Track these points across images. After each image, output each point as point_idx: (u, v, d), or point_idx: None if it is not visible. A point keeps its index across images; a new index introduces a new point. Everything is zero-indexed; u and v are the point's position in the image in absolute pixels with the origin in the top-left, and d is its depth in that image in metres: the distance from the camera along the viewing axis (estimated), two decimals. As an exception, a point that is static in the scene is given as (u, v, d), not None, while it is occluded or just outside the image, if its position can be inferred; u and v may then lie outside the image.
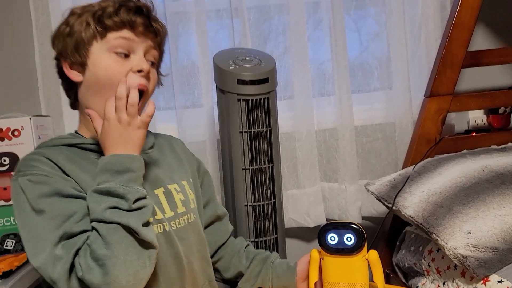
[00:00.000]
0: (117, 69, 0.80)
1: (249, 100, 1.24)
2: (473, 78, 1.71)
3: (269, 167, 1.29)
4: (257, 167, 1.27)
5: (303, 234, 1.71)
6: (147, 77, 0.83)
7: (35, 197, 0.74)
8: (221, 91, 1.28)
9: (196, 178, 0.99)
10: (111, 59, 0.80)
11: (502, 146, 1.41)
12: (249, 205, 1.28)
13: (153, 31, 0.84)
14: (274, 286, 0.97)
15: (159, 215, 0.84)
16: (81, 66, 0.82)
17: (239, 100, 1.24)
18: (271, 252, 1.02)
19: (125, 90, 0.77)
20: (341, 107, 1.62)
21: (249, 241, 1.27)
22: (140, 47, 0.83)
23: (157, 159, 0.91)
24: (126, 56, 0.82)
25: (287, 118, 1.62)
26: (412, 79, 1.64)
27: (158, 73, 0.90)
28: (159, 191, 0.86)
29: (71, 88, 0.86)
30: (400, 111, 1.64)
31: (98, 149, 0.82)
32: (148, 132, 0.91)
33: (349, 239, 0.83)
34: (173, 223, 0.86)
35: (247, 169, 1.27)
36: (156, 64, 0.88)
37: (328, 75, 1.67)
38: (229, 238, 1.04)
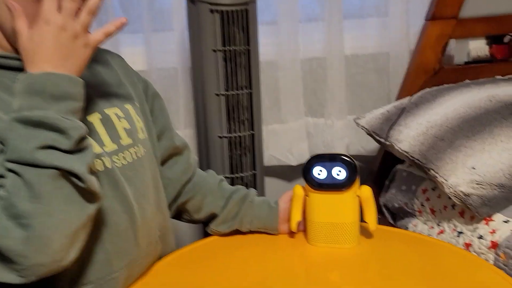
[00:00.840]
0: None
1: (224, 12, 1.05)
2: (476, 3, 1.53)
3: (247, 93, 1.12)
4: (233, 92, 1.10)
5: (284, 172, 1.59)
6: None
7: None
8: (191, 1, 1.08)
9: (143, 103, 0.80)
10: None
11: (510, 76, 1.27)
12: (224, 137, 1.12)
13: None
14: (253, 228, 0.84)
15: (97, 149, 0.65)
16: None
17: (212, 11, 1.05)
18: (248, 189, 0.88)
19: None
20: (330, 33, 1.45)
21: (223, 177, 1.13)
22: None
23: (89, 77, 0.68)
24: None
25: (269, 44, 1.44)
26: (410, 2, 1.46)
27: None
28: (94, 118, 0.67)
29: None
30: (395, 39, 1.49)
31: (14, 65, 0.61)
32: None
33: (339, 173, 0.74)
34: (116, 159, 0.68)
35: (221, 94, 1.10)
36: None
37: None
38: (194, 173, 0.88)
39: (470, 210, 0.93)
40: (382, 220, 1.35)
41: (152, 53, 1.40)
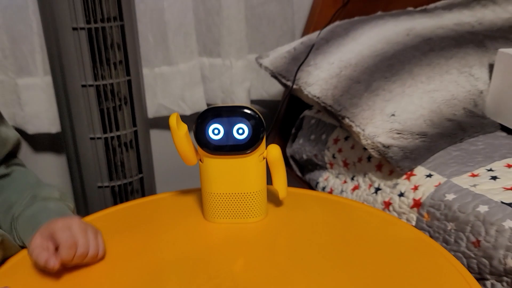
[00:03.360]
0: None
1: None
2: None
3: (117, 26, 0.85)
4: (96, 25, 0.82)
5: (177, 124, 1.36)
6: None
7: None
8: None
9: None
10: None
11: (422, 7, 1.14)
12: (89, 85, 0.85)
13: None
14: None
15: None
16: None
17: None
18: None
19: None
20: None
21: (94, 138, 0.88)
22: None
23: None
24: None
25: None
26: None
27: None
28: None
29: None
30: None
31: None
32: None
33: (240, 131, 0.61)
34: None
35: (81, 28, 0.81)
36: None
37: None
38: None
39: (390, 164, 0.81)
40: (289, 173, 1.20)
41: None
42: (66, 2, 0.79)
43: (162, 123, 1.34)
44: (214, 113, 0.60)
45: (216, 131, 0.60)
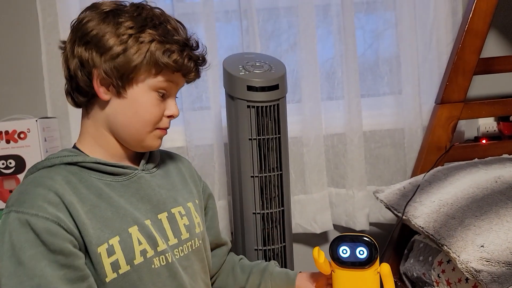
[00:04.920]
0: (154, 113, 0.78)
1: (259, 107, 1.22)
2: (484, 85, 1.68)
3: (277, 174, 1.27)
4: (265, 174, 1.25)
5: (309, 239, 1.69)
6: None
7: (22, 242, 0.66)
8: (230, 97, 1.26)
9: (201, 199, 0.95)
10: (151, 99, 0.78)
11: (515, 155, 1.39)
12: (257, 213, 1.27)
13: (197, 77, 0.82)
14: None
15: (162, 246, 0.78)
16: (115, 88, 0.76)
17: (248, 106, 1.22)
18: (269, 260, 1.01)
19: None
20: (350, 112, 1.60)
21: (257, 249, 1.26)
22: (177, 89, 0.82)
23: (161, 179, 0.85)
24: (163, 95, 0.79)
25: (294, 122, 1.59)
26: (422, 84, 1.61)
27: None
28: (163, 216, 0.81)
29: (85, 96, 0.78)
30: (409, 117, 1.61)
31: (99, 169, 0.78)
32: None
33: (361, 252, 0.83)
34: (176, 252, 0.81)
35: (255, 176, 1.25)
36: None
37: (337, 79, 1.64)
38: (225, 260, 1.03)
39: (481, 285, 1.03)
40: (402, 288, 1.43)
41: (190, 131, 1.55)
42: (248, 158, 1.24)
43: (297, 238, 1.66)
44: (343, 238, 0.86)
45: (344, 251, 0.83)
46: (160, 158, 0.90)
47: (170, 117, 0.81)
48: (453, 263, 1.19)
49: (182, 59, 0.77)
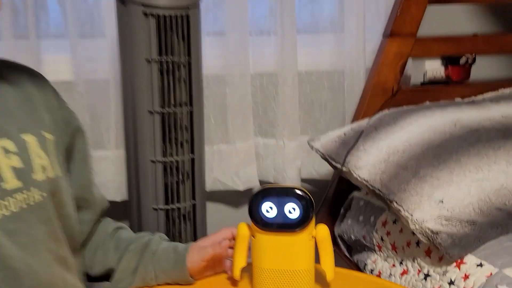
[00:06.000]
0: None
1: (160, 16, 0.90)
2: (433, 22, 1.49)
3: (187, 112, 0.97)
4: (170, 110, 0.95)
5: (230, 198, 1.45)
6: None
7: None
8: (121, 1, 0.92)
9: (61, 135, 0.68)
10: None
11: (470, 99, 1.20)
12: (158, 161, 0.96)
13: None
14: (161, 282, 0.72)
15: None
16: None
17: (146, 14, 0.90)
18: (172, 223, 0.76)
19: None
20: (283, 48, 1.35)
21: (157, 208, 0.97)
22: None
23: None
24: None
25: (215, 56, 1.33)
26: (368, 18, 1.39)
27: None
28: None
29: None
30: (351, 56, 1.40)
31: None
32: None
33: (292, 210, 0.65)
34: None
35: (156, 112, 0.94)
36: None
37: (270, 8, 1.38)
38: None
39: (438, 250, 0.82)
40: (337, 253, 1.23)
41: (79, 61, 1.23)
42: (146, 87, 0.93)
43: (216, 196, 1.42)
44: (268, 192, 0.66)
45: (269, 209, 0.66)
46: None
47: None
48: (401, 223, 0.97)
49: None
